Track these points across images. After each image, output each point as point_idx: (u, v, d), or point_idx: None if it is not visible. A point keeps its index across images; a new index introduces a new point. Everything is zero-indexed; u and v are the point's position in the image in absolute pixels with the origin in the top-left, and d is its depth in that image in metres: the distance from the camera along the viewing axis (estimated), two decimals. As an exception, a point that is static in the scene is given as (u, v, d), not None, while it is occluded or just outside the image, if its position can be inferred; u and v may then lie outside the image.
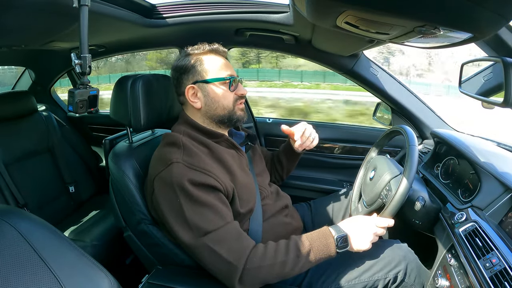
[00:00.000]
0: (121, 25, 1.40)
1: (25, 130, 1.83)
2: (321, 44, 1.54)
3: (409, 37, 0.76)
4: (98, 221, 1.79)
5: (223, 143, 1.13)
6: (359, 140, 1.89)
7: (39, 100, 2.09)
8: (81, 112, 0.97)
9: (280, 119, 2.09)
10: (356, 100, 16.49)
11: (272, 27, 1.52)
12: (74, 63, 0.90)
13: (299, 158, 1.47)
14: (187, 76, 1.11)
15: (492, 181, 1.00)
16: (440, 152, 1.41)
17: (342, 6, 0.65)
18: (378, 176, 1.18)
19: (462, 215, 0.99)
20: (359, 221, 1.04)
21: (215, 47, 1.14)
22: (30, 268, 0.57)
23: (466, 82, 1.16)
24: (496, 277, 0.74)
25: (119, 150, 1.21)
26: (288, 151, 1.44)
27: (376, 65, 1.66)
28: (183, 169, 0.98)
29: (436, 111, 1.67)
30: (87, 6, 0.87)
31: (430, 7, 0.57)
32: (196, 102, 1.11)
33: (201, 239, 0.94)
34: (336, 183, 1.92)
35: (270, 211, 1.20)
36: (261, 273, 0.94)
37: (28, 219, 0.65)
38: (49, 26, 1.17)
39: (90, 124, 2.42)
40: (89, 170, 2.17)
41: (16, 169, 1.72)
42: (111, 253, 1.68)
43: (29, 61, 2.20)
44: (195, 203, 0.95)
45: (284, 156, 1.46)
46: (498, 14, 0.56)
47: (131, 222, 1.16)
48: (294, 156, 1.44)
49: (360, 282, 1.05)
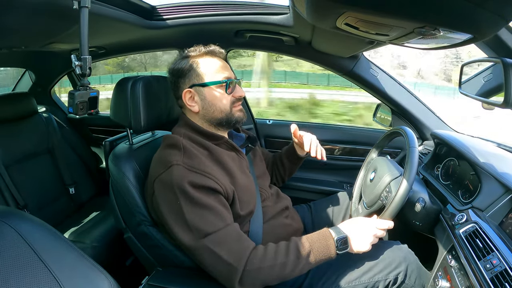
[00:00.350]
0: (121, 27, 1.40)
1: (25, 131, 1.84)
2: (321, 46, 1.54)
3: (409, 38, 0.76)
4: (98, 222, 1.79)
5: (223, 145, 1.13)
6: (359, 142, 1.89)
7: (39, 101, 2.09)
8: (81, 114, 0.97)
9: (280, 120, 2.09)
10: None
11: (272, 28, 1.52)
12: (74, 65, 0.90)
13: (302, 161, 1.47)
14: (184, 80, 1.11)
15: (492, 182, 1.00)
16: (440, 153, 1.41)
17: (342, 8, 0.65)
18: (379, 178, 1.18)
19: (462, 216, 0.99)
20: (359, 222, 1.04)
21: (211, 49, 1.13)
22: (30, 270, 0.57)
23: (466, 83, 1.16)
24: (497, 278, 0.74)
25: (119, 152, 1.21)
26: (291, 154, 1.44)
27: (376, 66, 1.66)
28: (184, 171, 0.98)
29: (436, 112, 1.67)
30: (87, 7, 0.87)
31: (430, 8, 0.57)
32: (193, 106, 1.11)
33: (201, 240, 0.94)
34: (336, 184, 1.92)
35: (270, 213, 1.20)
36: (261, 274, 0.94)
37: (28, 220, 0.65)
38: (49, 27, 1.17)
39: (90, 125, 2.42)
40: (89, 171, 2.17)
41: (16, 171, 1.72)
42: (111, 255, 1.67)
43: (29, 63, 2.20)
44: (195, 205, 0.95)
45: (286, 158, 1.46)
46: (498, 15, 0.56)
47: (131, 223, 1.16)
48: (297, 159, 1.45)
49: (360, 283, 1.05)
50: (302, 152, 1.40)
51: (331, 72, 1.75)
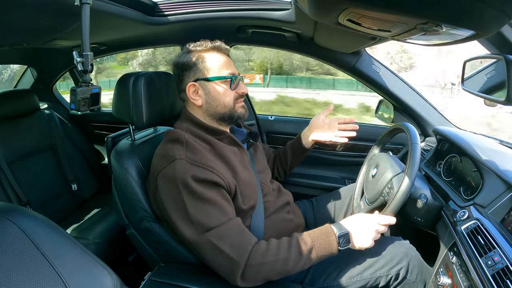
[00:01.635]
0: (123, 23, 1.40)
1: (27, 128, 1.84)
2: (323, 41, 1.53)
3: (411, 34, 0.75)
4: (101, 218, 1.80)
5: (225, 140, 1.13)
6: (361, 138, 1.88)
7: (41, 98, 2.09)
8: (83, 110, 0.98)
9: (282, 116, 2.08)
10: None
11: (274, 24, 1.51)
12: (76, 61, 0.91)
13: (306, 154, 1.49)
14: (189, 73, 1.11)
15: (494, 179, 1.00)
16: (442, 149, 1.41)
17: (344, 4, 0.64)
18: (381, 174, 1.18)
19: (464, 212, 0.99)
20: (361, 219, 1.04)
21: (217, 44, 1.13)
22: (33, 266, 0.58)
23: (468, 80, 1.15)
24: (498, 275, 0.74)
25: (121, 148, 1.21)
26: (297, 147, 1.46)
27: (378, 62, 1.66)
28: (186, 165, 0.98)
29: (438, 109, 1.67)
30: (89, 4, 0.87)
31: (432, 4, 0.57)
32: (197, 100, 1.11)
33: (203, 235, 0.95)
34: (338, 180, 1.92)
35: (272, 208, 1.20)
36: (263, 269, 0.95)
37: (31, 217, 0.65)
38: (51, 24, 1.17)
39: (92, 122, 2.43)
40: (92, 168, 2.17)
41: (18, 167, 1.73)
42: (114, 251, 1.68)
43: (31, 60, 2.20)
44: (198, 199, 0.96)
45: (291, 150, 1.48)
46: (501, 11, 0.56)
47: (134, 219, 1.16)
48: (301, 152, 1.47)
49: (362, 279, 1.05)
50: (308, 142, 1.42)
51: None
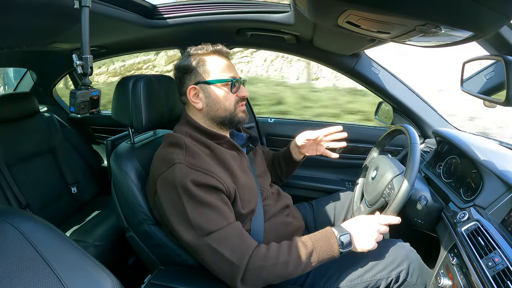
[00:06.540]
0: (122, 26, 1.40)
1: (27, 131, 1.84)
2: (322, 44, 1.54)
3: (410, 36, 0.76)
4: (101, 221, 1.79)
5: (225, 145, 1.13)
6: (361, 140, 1.88)
7: (41, 101, 2.09)
8: (83, 113, 0.97)
9: (282, 118, 2.09)
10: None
11: (273, 26, 1.51)
12: (76, 64, 0.90)
13: (299, 165, 1.48)
14: (189, 76, 1.11)
15: (494, 180, 1.00)
16: (442, 151, 1.41)
17: (343, 6, 0.65)
18: (380, 175, 1.18)
19: (464, 214, 0.99)
20: (362, 220, 1.04)
21: (218, 48, 1.13)
22: (33, 269, 0.58)
23: (468, 81, 1.15)
24: (499, 276, 0.74)
25: (121, 151, 1.21)
26: (287, 157, 1.44)
27: (377, 64, 1.66)
28: (186, 169, 0.98)
29: (438, 110, 1.67)
30: (89, 7, 0.87)
31: (431, 6, 0.57)
32: (197, 103, 1.11)
33: (203, 239, 0.94)
34: (338, 182, 1.92)
35: (272, 211, 1.20)
36: (263, 273, 0.94)
37: (30, 220, 0.65)
38: (51, 27, 1.17)
39: (92, 125, 2.43)
40: (91, 171, 2.17)
41: (18, 170, 1.73)
42: (114, 254, 1.68)
43: (31, 62, 2.20)
44: (198, 204, 0.96)
45: (283, 161, 1.47)
46: (500, 12, 0.56)
47: (133, 222, 1.16)
48: (293, 163, 1.45)
49: (362, 281, 1.05)
50: (298, 156, 1.41)
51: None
